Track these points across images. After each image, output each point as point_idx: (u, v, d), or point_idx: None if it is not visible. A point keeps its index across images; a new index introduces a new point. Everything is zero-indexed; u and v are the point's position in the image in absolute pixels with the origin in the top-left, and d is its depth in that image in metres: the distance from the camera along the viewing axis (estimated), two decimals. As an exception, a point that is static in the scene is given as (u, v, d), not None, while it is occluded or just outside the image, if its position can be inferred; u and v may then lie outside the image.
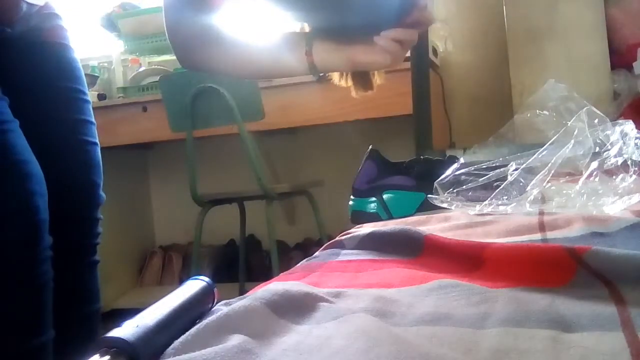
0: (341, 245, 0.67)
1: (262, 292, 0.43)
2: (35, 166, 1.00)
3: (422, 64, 1.63)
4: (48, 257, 1.00)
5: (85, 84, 1.25)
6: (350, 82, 0.94)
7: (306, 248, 2.72)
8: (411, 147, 1.61)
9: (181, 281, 1.27)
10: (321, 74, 0.85)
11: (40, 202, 0.98)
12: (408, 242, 0.61)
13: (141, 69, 2.58)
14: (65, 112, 1.18)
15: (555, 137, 0.75)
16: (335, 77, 0.95)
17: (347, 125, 2.18)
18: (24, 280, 0.97)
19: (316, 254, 0.67)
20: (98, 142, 1.25)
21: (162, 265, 2.95)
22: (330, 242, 0.70)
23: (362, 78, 0.94)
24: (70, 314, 1.15)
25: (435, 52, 2.32)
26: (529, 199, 0.73)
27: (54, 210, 1.02)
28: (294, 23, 0.88)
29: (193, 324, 0.39)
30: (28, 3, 1.10)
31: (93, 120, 1.24)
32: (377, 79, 0.95)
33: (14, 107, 1.01)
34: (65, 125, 1.18)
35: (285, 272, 0.59)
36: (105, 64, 2.68)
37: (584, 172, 0.72)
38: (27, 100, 1.12)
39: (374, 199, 0.94)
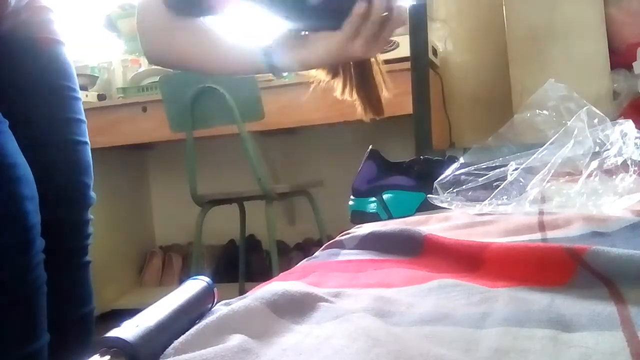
0: (341, 245, 0.67)
1: (262, 292, 0.43)
2: (25, 169, 0.97)
3: (422, 64, 1.63)
4: (41, 261, 0.99)
5: (76, 81, 1.22)
6: (355, 96, 0.95)
7: (306, 248, 2.72)
8: (411, 147, 1.61)
9: (181, 281, 1.27)
10: (284, 74, 0.85)
11: (30, 206, 0.96)
12: (408, 242, 0.61)
13: (141, 69, 2.58)
14: (56, 111, 1.16)
15: (555, 137, 0.75)
16: (338, 90, 0.95)
17: (347, 125, 2.18)
18: (18, 286, 0.95)
19: (316, 254, 0.67)
20: (88, 142, 1.22)
21: (162, 265, 2.95)
22: (330, 242, 0.70)
23: (368, 96, 0.94)
24: (65, 316, 1.14)
25: (435, 52, 2.32)
26: (529, 198, 0.73)
27: (44, 212, 1.00)
28: (263, 21, 0.87)
29: (193, 324, 0.39)
30: None
31: (84, 118, 1.22)
32: (385, 93, 0.95)
33: (3, 106, 0.99)
34: (55, 124, 1.16)
35: (285, 272, 0.59)
36: (105, 65, 2.68)
37: (583, 172, 0.72)
38: (17, 99, 1.10)
39: (374, 199, 0.94)
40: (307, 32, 0.80)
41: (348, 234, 0.70)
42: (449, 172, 0.83)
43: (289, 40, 0.81)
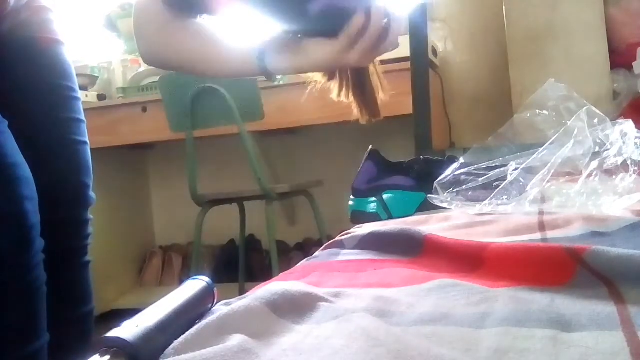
0: (341, 245, 0.67)
1: (262, 292, 0.43)
2: (24, 169, 0.97)
3: (422, 64, 1.63)
4: (40, 261, 0.99)
5: (76, 81, 1.21)
6: (351, 98, 0.94)
7: (306, 248, 2.72)
8: (411, 147, 1.61)
9: (181, 281, 1.26)
10: (278, 76, 0.85)
11: (30, 206, 0.96)
12: (408, 242, 0.61)
13: (141, 70, 2.58)
14: (55, 111, 1.16)
15: (555, 137, 0.75)
16: (334, 92, 0.94)
17: (347, 125, 2.17)
18: (18, 286, 0.95)
19: (316, 254, 0.67)
20: (88, 142, 1.22)
21: (162, 265, 2.95)
22: (330, 242, 0.70)
23: (365, 99, 0.94)
24: (64, 316, 1.14)
25: (435, 52, 2.32)
26: (528, 198, 0.73)
27: (43, 212, 1.00)
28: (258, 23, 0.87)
29: (193, 324, 0.39)
30: None
31: (83, 118, 1.22)
32: (381, 95, 0.95)
33: (2, 106, 0.99)
34: (55, 124, 1.16)
35: (285, 272, 0.59)
36: (105, 65, 2.68)
37: (583, 172, 0.72)
38: (17, 99, 1.10)
39: (374, 199, 0.94)
40: (301, 36, 0.80)
41: (348, 234, 0.70)
42: (449, 172, 0.83)
43: (283, 43, 0.81)
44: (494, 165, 0.79)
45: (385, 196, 0.94)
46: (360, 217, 0.94)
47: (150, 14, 0.86)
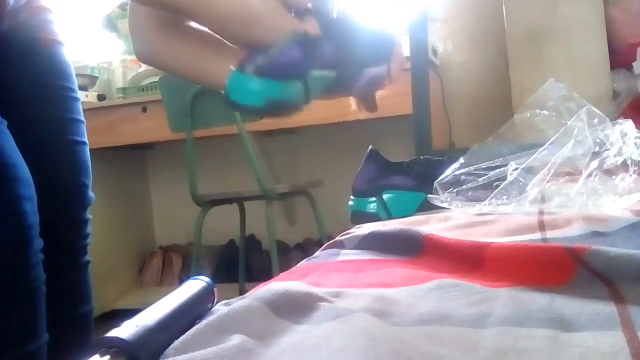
0: (341, 245, 0.67)
1: (262, 292, 0.43)
2: (23, 169, 0.97)
3: (422, 64, 1.62)
4: (39, 261, 0.99)
5: (75, 81, 1.21)
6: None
7: (306, 248, 2.72)
8: (411, 147, 1.60)
9: (181, 281, 1.26)
10: None
11: (28, 206, 0.96)
12: (408, 242, 0.61)
13: (141, 70, 2.58)
14: (54, 111, 1.16)
15: (555, 136, 0.75)
16: None
17: (347, 125, 2.18)
18: (16, 286, 0.95)
19: (316, 254, 0.67)
20: (87, 142, 1.22)
21: (162, 265, 2.94)
22: (330, 242, 0.70)
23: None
24: (64, 316, 1.14)
25: (435, 52, 2.32)
26: (528, 198, 0.73)
27: (42, 213, 1.00)
28: None
29: (193, 324, 0.39)
30: None
31: (82, 118, 1.22)
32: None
33: (2, 106, 0.99)
34: (54, 125, 1.16)
35: (285, 272, 0.59)
36: (105, 65, 2.68)
37: (583, 172, 0.72)
38: (16, 99, 1.10)
39: (374, 199, 0.94)
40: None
41: (348, 234, 0.70)
42: (449, 172, 0.83)
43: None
44: (494, 165, 0.79)
45: (385, 196, 0.94)
46: (360, 217, 0.94)
47: (143, 13, 0.84)
